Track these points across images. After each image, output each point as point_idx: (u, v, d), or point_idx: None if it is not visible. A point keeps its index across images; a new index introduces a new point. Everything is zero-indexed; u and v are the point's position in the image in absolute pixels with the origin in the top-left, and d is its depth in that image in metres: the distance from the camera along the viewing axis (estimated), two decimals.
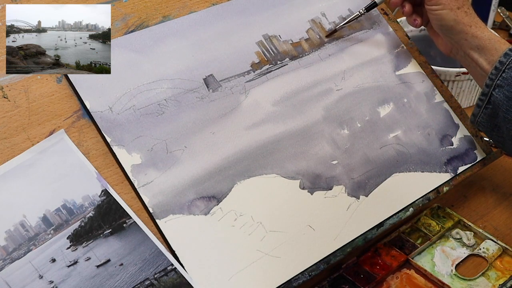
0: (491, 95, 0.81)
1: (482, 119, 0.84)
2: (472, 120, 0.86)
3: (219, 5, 0.86)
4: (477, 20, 0.85)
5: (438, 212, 0.90)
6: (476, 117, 0.84)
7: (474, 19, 0.84)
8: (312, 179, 0.79)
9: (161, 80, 0.78)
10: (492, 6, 1.32)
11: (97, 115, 0.73)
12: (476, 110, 0.84)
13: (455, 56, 0.89)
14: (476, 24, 0.84)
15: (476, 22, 0.84)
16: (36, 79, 0.73)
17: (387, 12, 0.98)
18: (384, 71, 0.91)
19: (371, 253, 0.82)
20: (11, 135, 0.70)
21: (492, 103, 0.81)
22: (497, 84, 0.80)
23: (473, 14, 0.85)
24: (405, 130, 0.88)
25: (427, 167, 0.87)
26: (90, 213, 0.69)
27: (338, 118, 0.85)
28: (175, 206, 0.71)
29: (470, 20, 0.84)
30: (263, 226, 0.74)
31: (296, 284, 0.73)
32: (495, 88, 0.80)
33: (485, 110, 0.83)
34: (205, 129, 0.77)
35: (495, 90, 0.80)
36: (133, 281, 0.67)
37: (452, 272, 0.81)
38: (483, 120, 0.84)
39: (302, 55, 0.88)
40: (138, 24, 0.81)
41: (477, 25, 0.84)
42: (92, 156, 0.71)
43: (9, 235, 0.65)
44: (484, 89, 0.82)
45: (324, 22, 0.92)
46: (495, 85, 0.80)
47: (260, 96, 0.82)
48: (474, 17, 0.85)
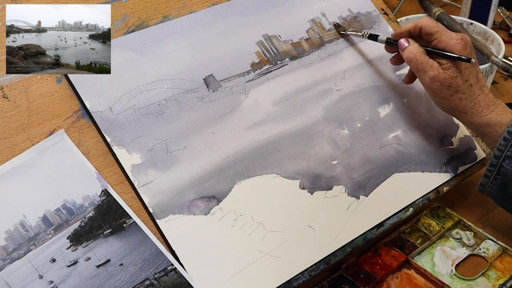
0: (501, 166, 0.77)
1: (491, 189, 0.80)
2: (480, 190, 0.82)
3: (219, 5, 0.86)
4: (475, 103, 0.78)
5: (438, 212, 0.90)
6: (485, 187, 0.81)
7: (470, 103, 0.78)
8: (312, 179, 0.79)
9: (161, 80, 0.78)
10: (492, 6, 1.32)
11: (97, 115, 0.73)
12: (484, 180, 0.80)
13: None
14: (473, 109, 0.78)
15: (472, 106, 0.78)
16: (36, 79, 0.73)
17: (387, 12, 0.98)
18: (384, 71, 0.91)
19: (371, 253, 0.82)
20: (11, 135, 0.70)
21: (502, 174, 0.77)
22: (507, 155, 0.76)
23: (469, 96, 0.78)
24: (405, 130, 0.88)
25: (427, 167, 0.87)
26: (90, 213, 0.69)
27: (338, 118, 0.85)
28: (175, 206, 0.71)
29: (465, 106, 0.78)
30: (263, 226, 0.74)
31: (296, 284, 0.73)
32: (505, 159, 0.76)
33: (495, 181, 0.79)
34: (205, 129, 0.77)
35: (505, 161, 0.76)
36: (133, 281, 0.67)
37: (452, 272, 0.81)
38: (492, 190, 0.80)
39: (302, 55, 0.88)
40: (138, 24, 0.81)
41: (473, 109, 0.78)
42: (92, 156, 0.71)
43: (9, 235, 0.65)
44: (492, 160, 0.78)
45: (324, 22, 0.92)
46: (505, 156, 0.76)
47: (260, 96, 0.82)
48: (471, 99, 0.78)
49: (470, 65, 0.78)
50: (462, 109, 0.79)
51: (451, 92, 0.78)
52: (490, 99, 0.79)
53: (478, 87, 0.79)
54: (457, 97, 0.78)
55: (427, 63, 0.78)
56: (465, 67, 0.78)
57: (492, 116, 0.78)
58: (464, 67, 0.78)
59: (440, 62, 0.78)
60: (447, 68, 0.78)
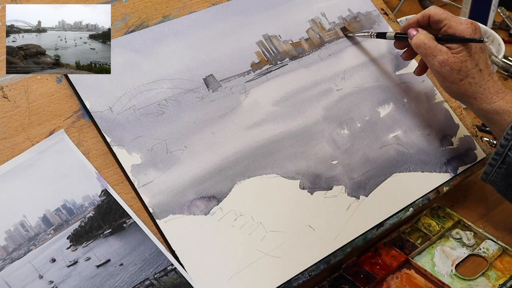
0: (506, 155, 0.77)
1: (495, 178, 0.80)
2: (483, 178, 0.82)
3: (219, 5, 0.86)
4: (484, 89, 0.78)
5: (438, 212, 0.90)
6: (489, 175, 0.81)
7: (479, 89, 0.77)
8: (312, 179, 0.79)
9: (161, 80, 0.78)
10: (492, 6, 1.32)
11: (97, 115, 0.73)
12: (488, 168, 0.80)
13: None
14: (482, 94, 0.77)
15: (482, 92, 0.77)
16: (36, 79, 0.73)
17: (387, 12, 0.98)
18: (384, 71, 0.91)
19: (371, 253, 0.82)
20: (11, 135, 0.70)
21: (507, 163, 0.77)
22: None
23: (479, 81, 0.77)
24: (405, 130, 0.88)
25: (427, 167, 0.87)
26: (90, 213, 0.69)
27: (338, 118, 0.85)
28: (175, 206, 0.71)
29: (474, 91, 0.78)
30: (263, 226, 0.74)
31: (296, 284, 0.73)
32: (510, 148, 0.77)
33: (499, 170, 0.79)
34: (205, 129, 0.77)
35: (511, 150, 0.77)
36: (133, 281, 0.67)
37: (452, 272, 0.81)
38: (496, 179, 0.80)
39: (302, 55, 0.88)
40: (138, 24, 0.81)
41: (483, 95, 0.77)
42: (92, 156, 0.71)
43: (9, 235, 0.65)
44: (498, 148, 0.78)
45: (324, 22, 0.92)
46: (511, 145, 0.76)
47: (260, 96, 0.82)
48: (481, 85, 0.77)
49: (480, 50, 0.78)
50: (472, 94, 0.78)
51: (460, 76, 0.77)
52: (499, 86, 0.79)
53: (488, 73, 0.78)
54: (466, 82, 0.77)
55: (436, 48, 0.78)
56: (475, 51, 0.77)
57: (502, 104, 0.78)
58: (474, 51, 0.77)
59: (449, 47, 0.78)
60: (457, 52, 0.77)
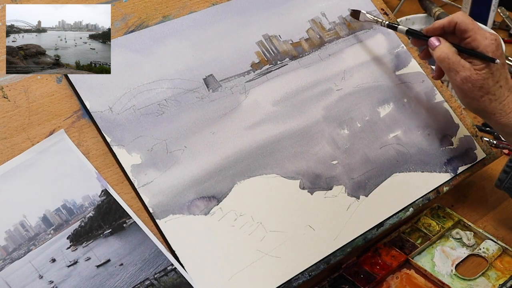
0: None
1: (509, 185, 0.81)
2: (497, 185, 0.83)
3: (219, 5, 0.86)
4: (504, 104, 0.78)
5: (438, 212, 0.90)
6: (503, 182, 0.82)
7: (499, 105, 0.78)
8: (312, 179, 0.79)
9: (161, 80, 0.78)
10: (492, 6, 1.32)
11: (97, 115, 0.73)
12: (503, 175, 0.82)
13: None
14: (502, 110, 0.78)
15: (501, 108, 0.78)
16: (36, 79, 0.73)
17: (387, 12, 0.98)
18: (384, 71, 0.91)
19: (371, 253, 0.82)
20: (11, 135, 0.70)
21: None
22: None
23: (499, 97, 0.78)
24: (405, 130, 0.88)
25: (427, 167, 0.87)
26: (90, 213, 0.69)
27: (338, 118, 0.85)
28: (175, 206, 0.71)
29: (494, 108, 0.78)
30: (263, 226, 0.74)
31: (296, 284, 0.73)
32: None
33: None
34: (205, 129, 0.77)
35: None
36: (133, 281, 0.67)
37: (452, 272, 0.81)
38: (511, 186, 0.82)
39: (302, 55, 0.88)
40: (138, 24, 0.81)
41: (502, 110, 0.78)
42: (92, 156, 0.71)
43: (9, 235, 0.65)
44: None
45: (324, 22, 0.92)
46: None
47: (260, 96, 0.82)
48: (501, 101, 0.77)
49: (501, 66, 0.78)
50: (491, 111, 0.78)
51: (481, 93, 0.77)
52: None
53: (507, 88, 0.78)
54: (487, 98, 0.77)
55: (459, 63, 0.77)
56: (496, 68, 0.77)
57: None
58: (496, 68, 0.77)
59: (472, 62, 0.77)
60: (480, 69, 0.77)
